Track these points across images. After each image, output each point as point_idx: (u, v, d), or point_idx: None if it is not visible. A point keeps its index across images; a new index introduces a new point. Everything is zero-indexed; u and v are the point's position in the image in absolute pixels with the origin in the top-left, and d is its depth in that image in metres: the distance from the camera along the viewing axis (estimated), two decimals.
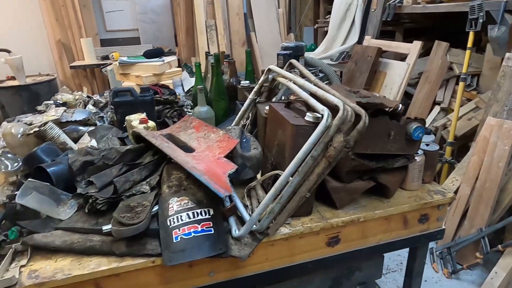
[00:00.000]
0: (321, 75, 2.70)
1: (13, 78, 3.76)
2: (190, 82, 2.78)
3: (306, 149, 0.84)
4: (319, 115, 0.94)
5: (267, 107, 1.18)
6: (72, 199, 0.99)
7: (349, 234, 1.04)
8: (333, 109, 0.87)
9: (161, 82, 2.55)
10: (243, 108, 1.35)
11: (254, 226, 0.90)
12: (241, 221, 0.98)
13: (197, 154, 1.03)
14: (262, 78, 1.33)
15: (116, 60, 3.70)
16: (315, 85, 1.05)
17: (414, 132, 0.96)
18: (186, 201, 0.91)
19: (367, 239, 1.07)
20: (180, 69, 2.79)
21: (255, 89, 1.34)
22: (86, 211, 0.95)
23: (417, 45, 3.00)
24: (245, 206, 1.03)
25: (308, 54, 3.21)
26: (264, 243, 0.95)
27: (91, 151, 1.11)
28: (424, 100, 3.14)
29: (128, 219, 0.86)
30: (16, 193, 0.99)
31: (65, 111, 1.36)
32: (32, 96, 3.64)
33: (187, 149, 1.07)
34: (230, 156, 1.03)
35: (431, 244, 2.28)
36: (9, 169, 1.15)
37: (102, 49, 4.27)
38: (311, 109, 1.07)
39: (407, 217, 1.08)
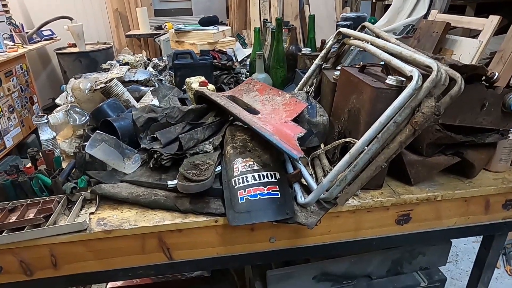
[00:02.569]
0: None
1: (74, 45, 3.93)
2: (243, 52, 2.72)
3: (389, 113, 0.75)
4: (403, 79, 0.84)
5: (336, 72, 1.09)
6: (137, 154, 0.99)
7: (422, 213, 0.95)
8: (421, 74, 0.77)
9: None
10: (307, 75, 1.27)
11: (323, 194, 0.84)
12: (305, 189, 0.92)
13: (263, 116, 0.99)
14: (330, 42, 1.23)
15: (170, 30, 3.74)
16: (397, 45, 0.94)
17: None
18: (252, 163, 0.87)
19: (441, 221, 0.97)
20: (234, 39, 2.73)
21: (321, 54, 1.25)
22: (151, 166, 0.95)
23: (494, 20, 2.68)
24: (309, 175, 0.98)
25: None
26: (329, 213, 0.89)
27: (154, 109, 1.10)
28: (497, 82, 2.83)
29: (194, 175, 0.84)
30: (85, 144, 1.02)
31: (128, 70, 1.37)
32: (91, 62, 3.79)
33: (251, 111, 1.02)
34: (297, 120, 0.97)
35: None
36: (77, 122, 1.19)
37: (156, 19, 4.32)
38: (390, 74, 0.97)
39: (490, 201, 0.97)
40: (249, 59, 2.40)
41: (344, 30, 1.18)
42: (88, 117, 1.19)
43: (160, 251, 0.88)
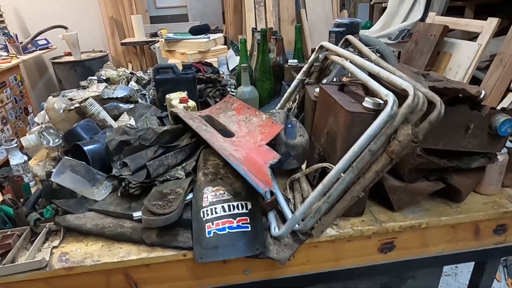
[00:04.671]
0: (377, 55, 2.46)
1: (69, 54, 3.92)
2: (235, 60, 2.68)
3: (363, 141, 0.70)
4: (380, 101, 0.79)
5: (317, 89, 1.04)
6: (107, 180, 0.95)
7: (406, 240, 0.89)
8: (399, 95, 0.72)
9: (206, 60, 2.48)
10: (289, 90, 1.22)
11: (297, 225, 0.79)
12: (281, 216, 0.88)
13: (237, 139, 0.94)
14: (312, 56, 1.18)
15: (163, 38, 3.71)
16: (376, 64, 0.89)
17: (501, 127, 0.78)
18: (222, 192, 0.82)
19: (427, 248, 0.92)
20: (226, 47, 2.69)
21: (304, 69, 1.20)
22: (119, 194, 0.90)
23: (492, 22, 2.61)
24: (287, 200, 0.93)
25: (363, 32, 2.94)
26: (307, 244, 0.84)
27: (128, 131, 1.06)
28: (496, 86, 2.76)
29: (159, 208, 0.79)
30: (53, 170, 0.98)
31: (106, 87, 1.33)
32: (86, 71, 3.77)
33: (226, 133, 0.97)
34: (273, 143, 0.92)
35: None
36: (51, 144, 1.15)
37: (151, 26, 4.29)
38: (370, 93, 0.92)
39: (480, 227, 0.91)
40: None
41: (325, 44, 1.13)
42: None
43: (127, 287, 0.83)
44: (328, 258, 0.88)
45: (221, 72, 1.80)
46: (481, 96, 0.83)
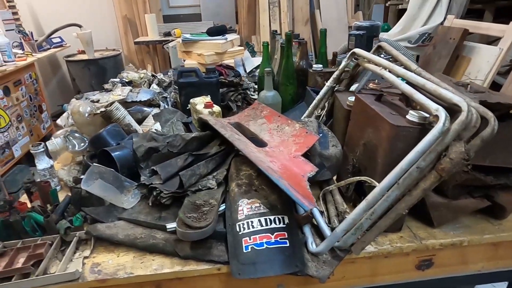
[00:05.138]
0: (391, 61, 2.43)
1: (83, 52, 3.92)
2: (251, 62, 2.65)
3: (412, 158, 0.67)
4: (426, 115, 0.76)
5: (351, 98, 1.01)
6: (136, 188, 0.93)
7: (445, 258, 0.86)
8: (447, 109, 0.68)
9: (224, 62, 2.46)
10: (318, 97, 1.19)
11: (336, 242, 0.77)
12: (316, 230, 0.85)
13: (270, 149, 0.91)
14: (343, 63, 1.15)
15: (178, 37, 3.69)
16: (418, 75, 0.86)
17: None
18: (258, 205, 0.80)
19: (466, 266, 0.88)
20: (242, 48, 2.66)
21: (334, 76, 1.17)
22: (150, 203, 0.88)
23: None
24: (320, 212, 0.90)
25: (381, 35, 2.90)
26: (344, 259, 0.81)
27: (156, 137, 1.04)
28: None
29: (194, 221, 0.77)
30: (81, 176, 0.96)
31: (130, 90, 1.31)
32: (99, 70, 3.78)
33: (259, 142, 0.95)
34: (308, 154, 0.89)
35: None
36: (76, 148, 1.13)
37: (165, 26, 4.28)
38: (410, 105, 0.89)
39: None
40: (258, 70, 2.33)
41: (358, 51, 1.10)
42: (87, 143, 1.14)
43: None
44: (364, 274, 0.85)
45: (241, 75, 1.78)
46: None
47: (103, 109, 1.15)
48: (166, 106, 1.51)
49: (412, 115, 0.76)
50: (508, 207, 0.82)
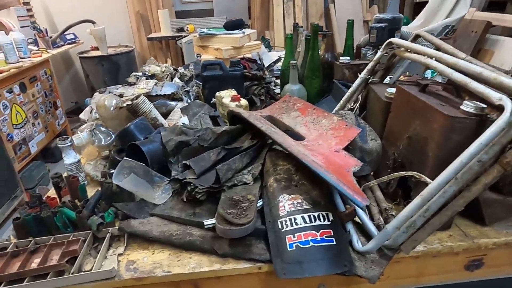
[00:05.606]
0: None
1: (96, 48, 3.92)
2: (269, 57, 2.60)
3: (474, 151, 0.62)
4: (483, 105, 0.71)
5: (390, 90, 0.96)
6: (168, 184, 0.90)
7: (497, 258, 0.81)
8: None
9: (246, 56, 2.42)
10: (351, 89, 1.15)
11: (386, 240, 0.72)
12: (359, 227, 0.81)
13: (309, 143, 0.87)
14: (379, 54, 1.10)
15: (191, 33, 3.65)
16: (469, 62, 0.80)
17: None
18: (300, 201, 0.76)
19: None
20: (259, 42, 2.62)
21: (368, 67, 1.12)
22: (184, 199, 0.85)
23: None
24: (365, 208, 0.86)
25: (403, 28, 2.82)
26: None
27: (186, 131, 1.00)
28: None
29: (235, 217, 0.73)
30: (110, 171, 0.93)
31: (155, 84, 1.28)
32: (113, 66, 3.77)
33: (295, 135, 0.91)
34: (348, 148, 0.85)
35: None
36: (102, 143, 1.10)
37: (177, 21, 4.24)
38: (459, 96, 0.83)
39: None
40: (276, 65, 2.28)
41: (396, 40, 1.05)
42: (113, 137, 1.11)
43: None
44: (410, 274, 0.81)
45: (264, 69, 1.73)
46: None
47: (129, 103, 1.12)
48: (189, 100, 1.47)
49: (468, 106, 0.71)
50: None
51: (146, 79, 1.36)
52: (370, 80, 1.13)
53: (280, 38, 3.88)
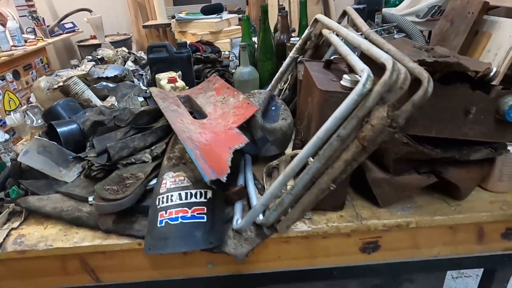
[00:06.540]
0: (401, 35, 2.28)
1: (95, 37, 3.99)
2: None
3: (330, 125, 0.59)
4: (359, 79, 0.67)
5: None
6: (73, 161, 0.91)
7: (393, 241, 0.78)
8: (382, 70, 0.60)
9: (219, 41, 2.40)
10: (281, 69, 1.12)
11: (260, 218, 0.71)
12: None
13: (208, 121, 0.85)
14: (306, 32, 1.06)
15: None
16: (366, 37, 0.76)
17: (510, 111, 0.63)
18: (182, 178, 0.75)
19: (419, 250, 0.80)
20: (239, 27, 2.58)
21: (297, 45, 1.08)
22: (81, 176, 0.86)
23: None
24: (263, 189, 0.84)
25: (389, 10, 2.71)
26: (276, 238, 0.75)
27: (103, 110, 1.01)
28: None
29: (112, 193, 0.74)
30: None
31: (94, 66, 1.29)
32: None
33: (201, 114, 0.90)
34: (244, 126, 0.83)
35: None
36: (34, 124, 1.13)
37: (174, 8, 4.24)
38: (353, 71, 0.79)
39: (484, 229, 0.78)
40: None
41: (319, 17, 1.00)
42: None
43: (85, 273, 0.79)
44: (301, 256, 0.79)
45: (224, 52, 1.71)
46: (491, 74, 0.69)
47: (60, 84, 1.13)
48: (141, 84, 1.48)
49: (346, 80, 0.67)
50: (461, 185, 0.72)
51: (95, 62, 1.38)
52: (299, 60, 1.09)
53: (273, 23, 3.80)
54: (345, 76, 0.68)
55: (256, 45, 1.55)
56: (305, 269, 0.81)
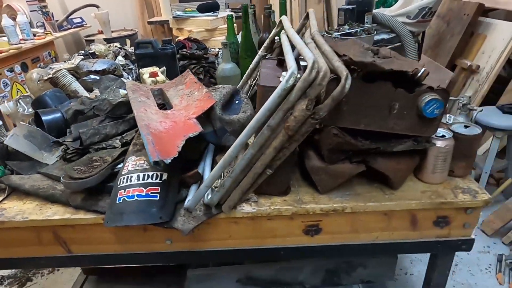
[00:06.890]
0: (390, 35, 2.32)
1: (102, 32, 4.12)
2: None
3: (260, 116, 0.67)
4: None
5: None
6: (52, 146, 1.01)
7: (333, 225, 0.86)
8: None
9: (214, 38, 2.48)
10: (250, 67, 1.19)
11: (206, 199, 0.79)
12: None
13: (172, 112, 0.94)
14: (274, 31, 1.13)
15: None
16: (312, 38, 0.84)
17: (427, 107, 0.70)
18: (142, 162, 0.84)
19: (358, 235, 0.87)
20: (235, 25, 2.66)
21: (265, 44, 1.16)
22: (58, 159, 0.96)
23: None
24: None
25: (383, 11, 2.74)
26: (227, 219, 0.84)
27: (85, 101, 1.11)
28: None
29: (79, 173, 0.83)
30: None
31: (83, 59, 1.39)
32: None
33: (167, 106, 0.98)
34: (202, 117, 0.91)
35: (503, 250, 1.88)
36: (25, 112, 1.24)
37: (179, 5, 4.33)
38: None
39: (417, 217, 0.84)
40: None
41: (282, 18, 1.08)
42: None
43: (57, 244, 0.89)
44: (249, 235, 0.87)
45: (210, 49, 1.79)
46: (419, 74, 0.75)
47: (49, 76, 1.24)
48: (130, 78, 1.57)
49: (283, 76, 0.75)
50: (390, 174, 0.79)
51: (87, 56, 1.48)
52: (266, 57, 1.17)
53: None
54: (283, 73, 0.76)
55: None
56: (254, 248, 0.89)
